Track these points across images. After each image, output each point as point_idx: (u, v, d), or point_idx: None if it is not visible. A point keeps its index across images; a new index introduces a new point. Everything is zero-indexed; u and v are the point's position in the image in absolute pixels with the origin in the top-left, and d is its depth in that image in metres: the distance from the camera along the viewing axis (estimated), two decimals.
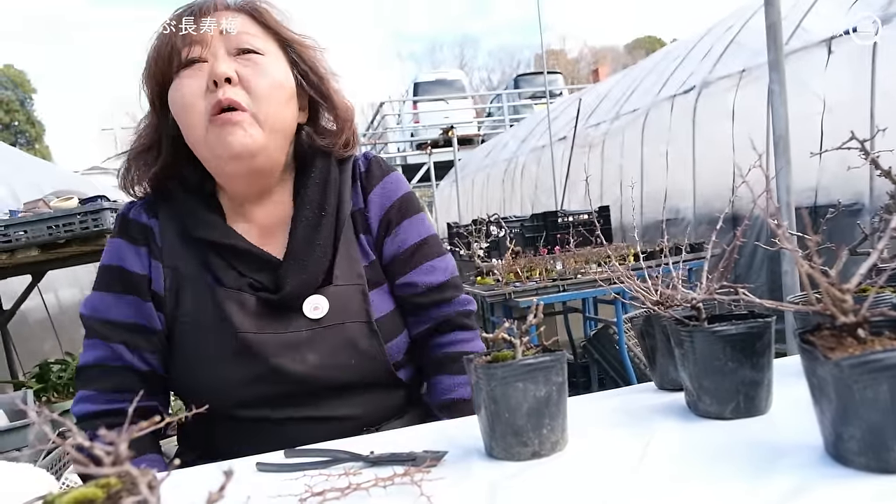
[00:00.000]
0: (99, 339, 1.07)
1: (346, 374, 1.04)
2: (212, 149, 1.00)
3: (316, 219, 1.07)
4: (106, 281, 1.10)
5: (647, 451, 0.67)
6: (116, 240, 1.11)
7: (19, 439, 2.13)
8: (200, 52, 1.00)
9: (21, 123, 28.74)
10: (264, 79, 1.00)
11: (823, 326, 0.61)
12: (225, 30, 1.00)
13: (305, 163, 1.12)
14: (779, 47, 2.55)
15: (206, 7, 1.02)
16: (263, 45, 1.03)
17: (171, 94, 1.02)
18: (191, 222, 1.07)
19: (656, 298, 0.86)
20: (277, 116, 1.02)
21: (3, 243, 2.49)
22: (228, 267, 1.05)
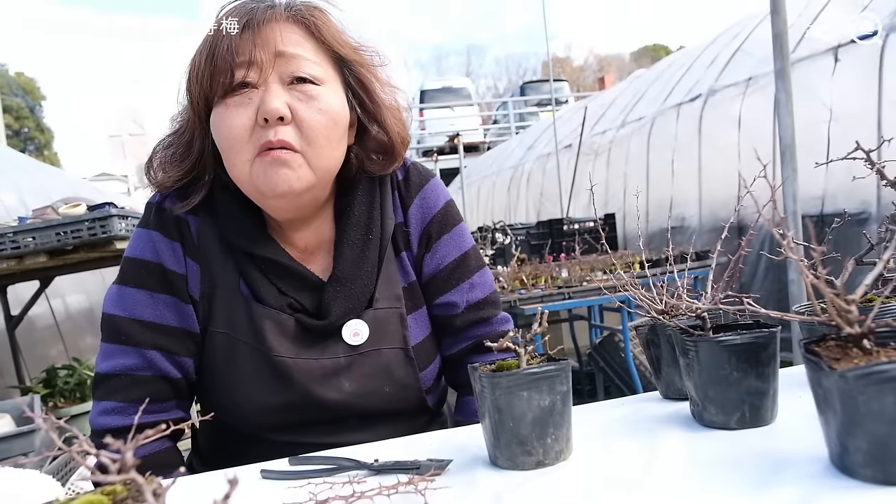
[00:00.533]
0: (128, 344, 0.98)
1: (379, 402, 1.01)
2: (256, 185, 0.93)
3: (363, 240, 1.02)
4: (138, 275, 1.00)
5: (652, 461, 0.67)
6: (151, 232, 1.01)
7: (26, 444, 2.13)
8: (251, 76, 0.91)
9: (31, 130, 28.95)
10: (320, 117, 0.92)
11: (829, 337, 0.61)
12: (278, 51, 0.91)
13: (349, 182, 1.05)
14: (785, 57, 2.55)
15: (262, 17, 0.92)
16: (319, 70, 0.94)
17: (216, 119, 0.94)
18: (232, 229, 1.00)
19: (661, 308, 0.86)
20: (329, 157, 0.95)
21: (12, 249, 2.51)
22: (269, 283, 0.99)
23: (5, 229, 2.54)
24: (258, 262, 1.00)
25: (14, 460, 2.16)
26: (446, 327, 1.10)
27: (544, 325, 0.71)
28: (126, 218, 2.70)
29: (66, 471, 1.85)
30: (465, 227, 1.13)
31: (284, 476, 0.77)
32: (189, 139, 1.01)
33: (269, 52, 0.91)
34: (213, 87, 0.92)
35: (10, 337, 3.92)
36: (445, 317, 1.09)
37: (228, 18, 0.92)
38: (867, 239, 0.87)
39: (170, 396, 1.01)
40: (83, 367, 3.94)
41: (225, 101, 0.92)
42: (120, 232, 2.60)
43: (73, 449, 0.50)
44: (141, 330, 0.98)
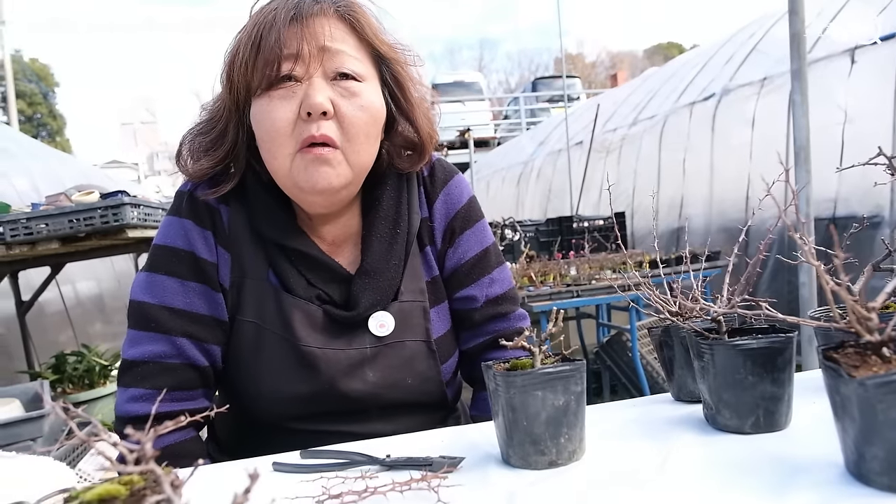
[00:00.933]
0: (157, 331, 0.98)
1: (401, 393, 1.02)
2: (295, 181, 0.94)
3: (391, 234, 1.04)
4: (169, 263, 1.00)
5: (665, 463, 0.67)
6: (183, 220, 1.01)
7: (35, 429, 2.15)
8: (296, 70, 0.92)
9: (43, 116, 29.10)
10: (362, 114, 0.94)
11: (847, 344, 0.61)
12: (322, 45, 0.92)
13: (378, 177, 1.07)
14: (802, 57, 2.53)
15: (308, 11, 0.93)
16: (361, 67, 0.96)
17: (258, 110, 0.94)
18: (263, 220, 1.01)
19: (675, 309, 0.85)
20: (367, 153, 0.97)
21: (25, 235, 2.52)
22: (298, 274, 1.01)
23: (19, 215, 2.55)
24: (288, 254, 1.01)
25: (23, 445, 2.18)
26: (465, 321, 1.12)
27: (559, 324, 0.71)
28: (138, 206, 2.71)
29: (73, 456, 1.86)
30: (486, 224, 1.16)
31: (297, 469, 0.77)
32: (223, 127, 1.01)
33: (315, 46, 0.92)
34: (257, 77, 0.93)
35: (21, 322, 3.95)
36: (465, 310, 1.11)
37: (278, 9, 0.93)
38: (885, 245, 0.86)
39: (197, 385, 1.01)
40: (92, 353, 3.97)
41: (269, 94, 0.93)
42: (132, 220, 2.61)
43: (86, 436, 0.50)
44: (171, 317, 0.99)
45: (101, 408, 3.67)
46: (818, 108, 3.07)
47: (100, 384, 3.91)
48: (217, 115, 1.03)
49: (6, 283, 3.72)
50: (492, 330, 1.12)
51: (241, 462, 0.84)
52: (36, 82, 28.53)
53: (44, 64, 30.52)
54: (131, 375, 0.98)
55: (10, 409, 2.34)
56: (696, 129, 5.60)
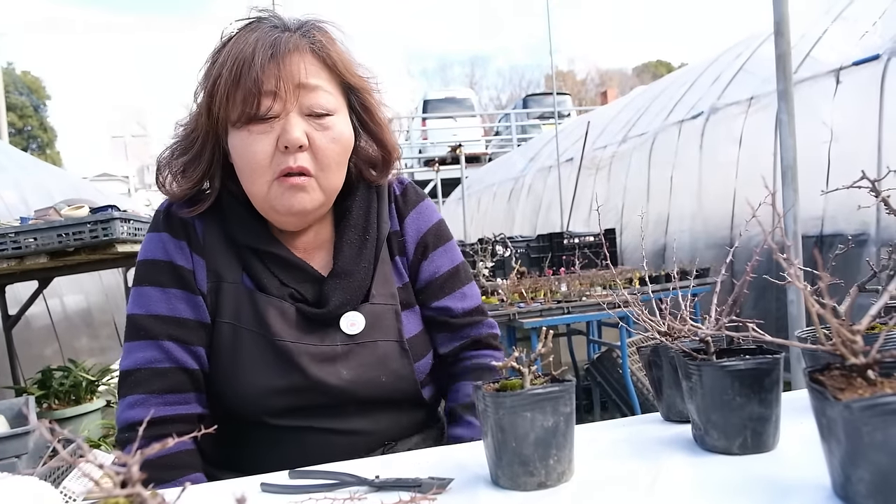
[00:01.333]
0: (146, 339, 1.04)
1: (375, 391, 1.06)
2: (272, 205, 1.03)
3: (360, 240, 1.12)
4: (151, 274, 1.07)
5: (654, 484, 0.67)
6: (161, 234, 1.08)
7: (20, 446, 2.12)
8: (277, 108, 0.98)
9: (34, 129, 28.98)
10: (334, 146, 1.02)
11: (833, 366, 0.61)
12: (298, 83, 0.99)
13: (348, 188, 1.14)
14: (788, 78, 2.57)
15: (283, 49, 0.99)
16: (332, 101, 1.03)
17: (238, 143, 1.01)
18: (237, 229, 1.08)
19: (664, 329, 0.86)
20: (338, 178, 1.06)
21: (13, 250, 2.51)
22: (272, 275, 1.07)
23: (7, 229, 2.54)
24: (261, 257, 1.08)
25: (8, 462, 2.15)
26: (442, 328, 1.19)
27: (549, 345, 0.71)
28: (128, 221, 2.70)
29: (59, 473, 1.84)
30: (455, 245, 1.25)
31: (285, 490, 0.77)
32: (200, 149, 1.07)
33: (292, 83, 0.99)
34: (236, 113, 0.99)
35: (7, 337, 3.91)
36: (442, 319, 1.18)
37: (257, 45, 0.98)
38: (870, 266, 0.87)
39: (189, 388, 1.05)
40: (79, 368, 3.93)
41: (248, 128, 1.00)
42: (122, 235, 2.60)
43: (71, 457, 0.50)
44: (156, 323, 1.04)
45: (87, 424, 3.63)
46: (804, 127, 3.11)
47: (86, 400, 3.87)
48: (194, 137, 1.08)
49: None
50: (467, 334, 1.20)
51: (229, 482, 0.84)
52: (27, 95, 28.44)
53: (35, 76, 30.45)
54: (127, 384, 1.03)
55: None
56: (684, 147, 5.66)
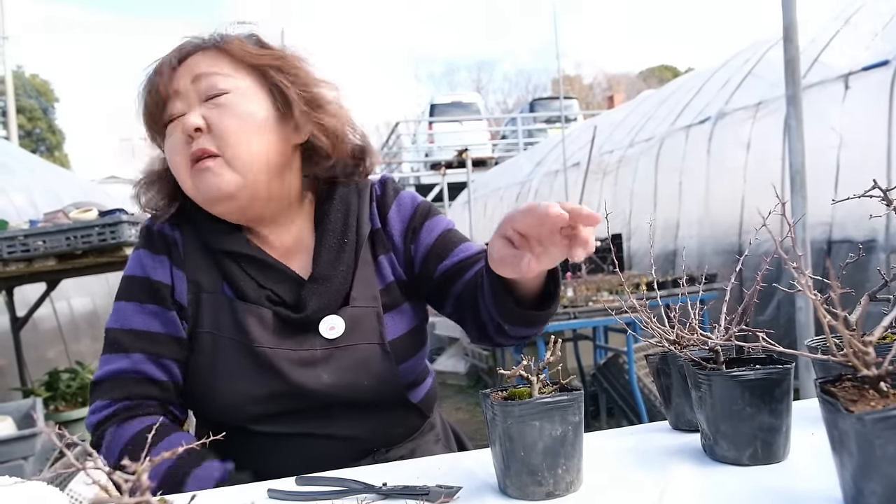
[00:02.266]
0: (117, 351, 1.06)
1: (359, 394, 1.05)
2: (195, 196, 1.05)
3: (339, 244, 1.10)
4: (129, 290, 1.09)
5: (663, 494, 0.66)
6: (139, 251, 1.12)
7: (27, 448, 2.13)
8: (178, 106, 1.04)
9: (43, 131, 29.16)
10: (229, 119, 1.01)
11: (844, 377, 0.61)
12: (194, 75, 1.04)
13: (326, 191, 1.14)
14: (797, 83, 2.56)
15: (183, 52, 1.06)
16: (230, 82, 1.04)
17: (165, 148, 1.07)
18: (212, 236, 1.09)
19: (673, 338, 0.85)
20: (249, 152, 1.02)
21: (22, 252, 2.52)
22: (248, 278, 1.06)
23: (16, 232, 2.55)
24: (237, 260, 1.08)
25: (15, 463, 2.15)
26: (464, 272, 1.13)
27: (557, 354, 0.71)
28: (136, 224, 2.71)
29: (65, 475, 1.84)
30: (446, 217, 1.22)
31: (292, 497, 0.76)
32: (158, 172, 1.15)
33: (187, 79, 1.04)
34: (155, 121, 1.08)
35: (15, 338, 3.93)
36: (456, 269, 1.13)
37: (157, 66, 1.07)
38: (881, 275, 0.87)
39: (155, 396, 1.06)
40: (85, 370, 3.94)
41: (167, 130, 1.06)
42: (130, 238, 2.61)
43: (78, 460, 0.50)
44: (129, 338, 1.06)
45: None
46: (813, 133, 3.10)
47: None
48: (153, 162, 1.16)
49: (0, 298, 3.70)
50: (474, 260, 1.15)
51: (237, 489, 0.84)
52: (36, 98, 28.63)
53: (44, 80, 30.65)
54: (95, 393, 1.07)
55: (2, 427, 2.32)
56: (691, 152, 5.64)
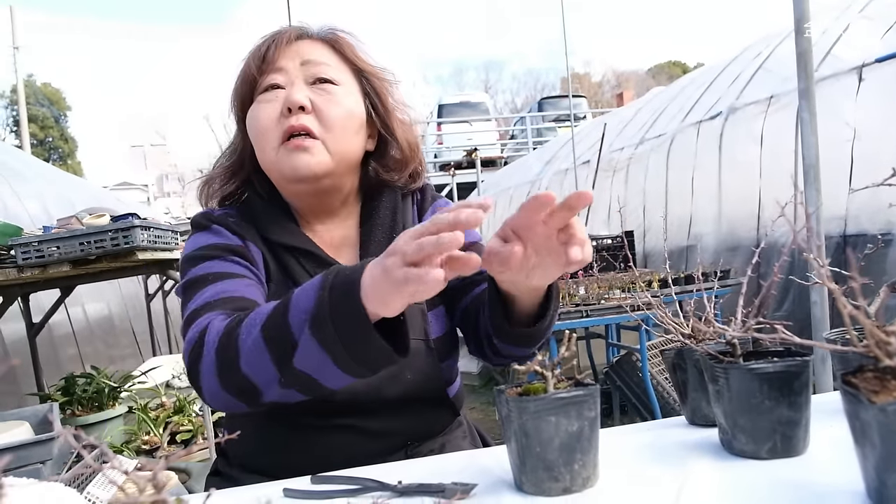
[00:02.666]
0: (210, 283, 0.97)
1: (401, 389, 1.04)
2: (280, 170, 1.05)
3: (387, 240, 1.11)
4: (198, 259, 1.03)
5: (681, 490, 0.66)
6: (209, 229, 1.08)
7: (44, 452, 2.15)
8: (279, 79, 1.05)
9: (55, 139, 29.45)
10: (336, 108, 1.04)
11: (866, 368, 0.60)
12: (304, 60, 1.06)
13: (373, 192, 1.17)
14: (809, 76, 2.53)
15: (289, 36, 1.08)
16: (339, 75, 1.08)
17: (249, 114, 1.07)
18: (270, 227, 1.10)
19: (688, 332, 0.85)
20: (346, 144, 1.06)
21: (37, 258, 2.54)
22: (305, 272, 1.07)
23: (30, 238, 2.57)
24: (296, 255, 1.08)
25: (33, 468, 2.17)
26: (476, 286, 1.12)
27: (573, 348, 0.71)
28: (148, 229, 2.73)
29: (83, 478, 1.85)
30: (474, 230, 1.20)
31: (308, 496, 0.76)
32: (233, 157, 1.17)
33: (295, 61, 1.06)
34: (246, 92, 1.08)
35: (31, 344, 3.96)
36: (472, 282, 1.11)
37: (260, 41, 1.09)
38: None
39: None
40: (101, 375, 3.97)
41: (257, 99, 1.07)
42: (142, 243, 2.63)
43: (99, 465, 0.50)
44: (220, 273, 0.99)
45: (110, 429, 3.67)
46: (826, 126, 3.06)
47: (109, 406, 3.91)
48: (231, 147, 1.19)
49: (16, 305, 3.74)
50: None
51: (252, 488, 0.84)
52: (48, 106, 28.91)
53: (56, 88, 30.95)
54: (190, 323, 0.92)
55: (19, 432, 2.34)
56: (703, 148, 5.60)
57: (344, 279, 0.73)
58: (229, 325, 0.83)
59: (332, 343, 0.73)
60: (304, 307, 0.75)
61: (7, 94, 26.88)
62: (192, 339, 0.87)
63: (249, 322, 0.80)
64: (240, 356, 0.79)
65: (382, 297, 0.69)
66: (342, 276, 0.74)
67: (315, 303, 0.74)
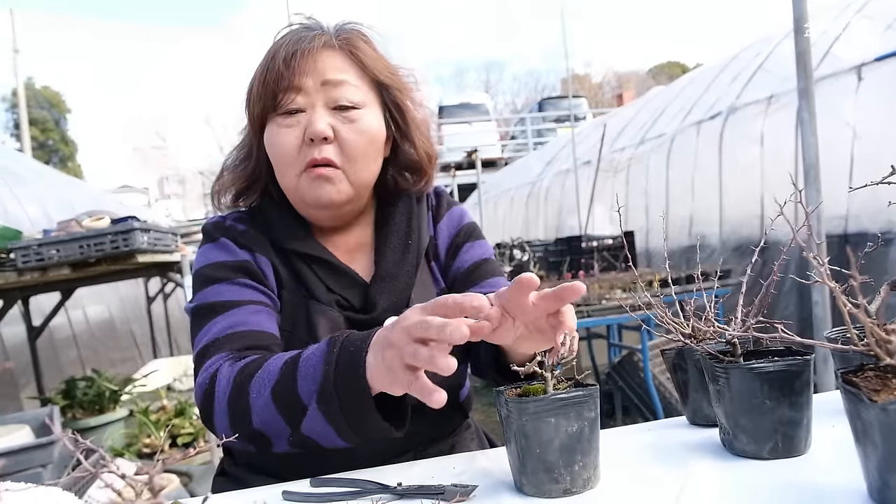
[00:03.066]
0: (219, 312, 1.00)
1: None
2: (302, 197, 1.04)
3: (403, 246, 1.11)
4: (207, 278, 1.04)
5: (682, 491, 0.65)
6: (217, 242, 1.08)
7: (45, 456, 2.15)
8: (300, 101, 1.01)
9: (55, 142, 29.47)
10: (360, 137, 1.02)
11: (867, 367, 0.59)
12: (324, 80, 1.01)
13: (389, 196, 1.16)
14: (809, 75, 2.53)
15: (309, 46, 1.02)
16: (361, 95, 1.04)
17: (268, 136, 1.05)
18: (282, 234, 1.09)
19: (689, 332, 0.84)
20: (367, 171, 1.06)
21: (37, 261, 2.54)
22: (319, 281, 1.06)
23: (30, 241, 2.57)
24: (308, 262, 1.08)
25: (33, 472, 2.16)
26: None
27: (575, 348, 0.70)
28: (148, 231, 2.73)
29: (83, 483, 1.85)
30: (487, 243, 1.23)
31: (307, 498, 0.76)
32: (249, 149, 1.13)
33: (316, 79, 1.02)
34: (265, 108, 1.03)
35: (32, 348, 3.96)
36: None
37: (279, 49, 1.03)
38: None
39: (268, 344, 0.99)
40: (102, 378, 3.97)
41: (277, 121, 1.03)
42: (142, 245, 2.62)
43: (93, 467, 0.49)
44: (228, 302, 1.01)
45: (111, 433, 3.66)
46: (826, 126, 3.06)
47: (109, 409, 3.91)
48: (244, 142, 1.15)
49: (17, 308, 3.73)
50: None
51: (251, 491, 0.83)
52: (48, 109, 28.94)
53: (55, 91, 30.97)
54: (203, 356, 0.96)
55: (20, 436, 2.33)
56: (703, 148, 5.60)
57: (349, 359, 0.78)
58: (239, 377, 0.87)
59: (337, 417, 0.79)
60: (312, 377, 0.80)
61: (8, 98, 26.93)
62: (202, 383, 0.91)
63: (259, 381, 0.84)
64: (251, 412, 0.84)
65: (385, 385, 0.75)
66: (346, 354, 0.79)
67: (322, 377, 0.79)
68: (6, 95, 27.06)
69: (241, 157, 1.15)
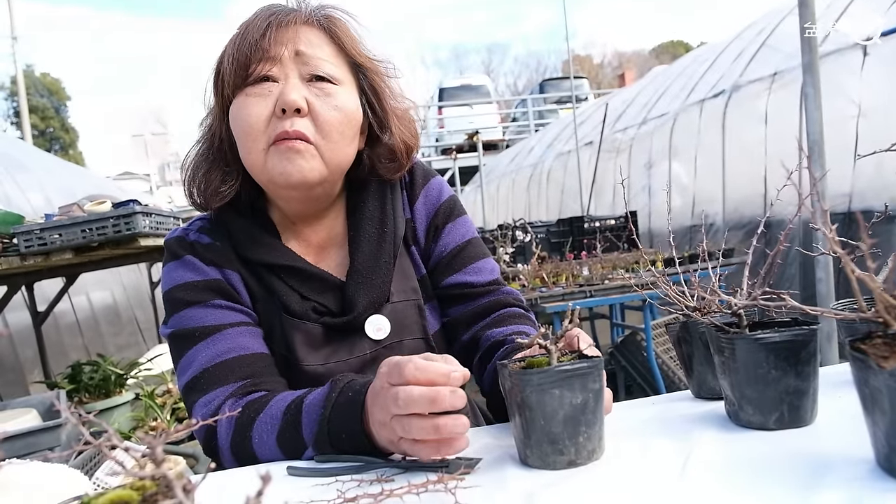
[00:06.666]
0: (202, 339, 0.96)
1: None
2: (270, 175, 0.95)
3: (378, 234, 1.05)
4: (178, 301, 0.99)
5: (688, 461, 0.65)
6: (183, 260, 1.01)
7: (52, 439, 2.16)
8: (273, 71, 0.94)
9: (56, 130, 29.41)
10: (336, 113, 0.95)
11: (875, 334, 0.59)
12: (299, 50, 0.95)
13: (360, 182, 1.09)
14: (813, 50, 2.50)
15: (286, 19, 0.96)
16: (338, 71, 0.98)
17: (234, 110, 0.96)
18: (248, 245, 1.02)
19: (693, 304, 0.83)
20: (342, 152, 0.98)
21: (39, 246, 2.54)
22: (291, 290, 1.01)
23: (32, 226, 2.57)
24: (277, 272, 1.02)
25: (41, 455, 2.18)
26: (458, 302, 1.10)
27: (576, 321, 0.70)
28: (150, 215, 2.72)
29: (91, 465, 1.86)
30: (469, 220, 1.17)
31: (311, 473, 0.76)
32: (208, 146, 1.05)
33: (292, 49, 0.95)
34: (235, 80, 0.95)
35: (37, 333, 3.98)
36: (456, 293, 1.10)
37: (252, 22, 0.97)
38: None
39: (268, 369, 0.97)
40: (107, 363, 3.99)
41: (245, 91, 0.95)
42: (144, 229, 2.62)
43: (101, 442, 0.49)
44: (207, 328, 0.96)
45: (117, 416, 3.69)
46: (831, 103, 3.03)
47: (116, 393, 3.92)
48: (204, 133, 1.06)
49: (21, 294, 3.74)
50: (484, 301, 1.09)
51: (255, 467, 0.83)
52: (48, 97, 28.84)
53: (55, 78, 30.84)
54: (195, 390, 0.94)
55: (27, 420, 2.35)
56: (706, 127, 5.56)
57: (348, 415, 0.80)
58: (240, 421, 0.87)
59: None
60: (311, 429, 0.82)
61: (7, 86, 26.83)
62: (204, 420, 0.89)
63: (261, 427, 0.86)
64: (257, 457, 0.86)
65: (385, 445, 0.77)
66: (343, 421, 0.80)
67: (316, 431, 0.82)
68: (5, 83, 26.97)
69: (201, 150, 1.06)
